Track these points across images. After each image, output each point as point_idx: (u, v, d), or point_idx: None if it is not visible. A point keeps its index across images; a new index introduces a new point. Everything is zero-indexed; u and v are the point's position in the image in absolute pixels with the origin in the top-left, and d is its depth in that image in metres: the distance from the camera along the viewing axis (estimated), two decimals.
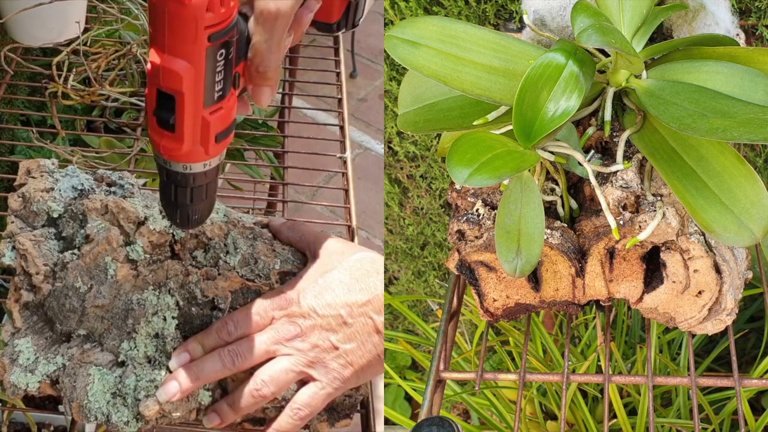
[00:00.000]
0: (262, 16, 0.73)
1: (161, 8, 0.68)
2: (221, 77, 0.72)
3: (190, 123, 0.72)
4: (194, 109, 0.71)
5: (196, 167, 0.75)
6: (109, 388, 0.80)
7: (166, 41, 0.69)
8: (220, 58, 0.71)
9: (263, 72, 0.75)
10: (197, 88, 0.70)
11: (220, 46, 0.71)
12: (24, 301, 0.82)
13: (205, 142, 0.73)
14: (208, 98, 0.72)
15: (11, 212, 0.85)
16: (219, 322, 0.82)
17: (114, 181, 0.89)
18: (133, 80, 1.16)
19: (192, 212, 0.78)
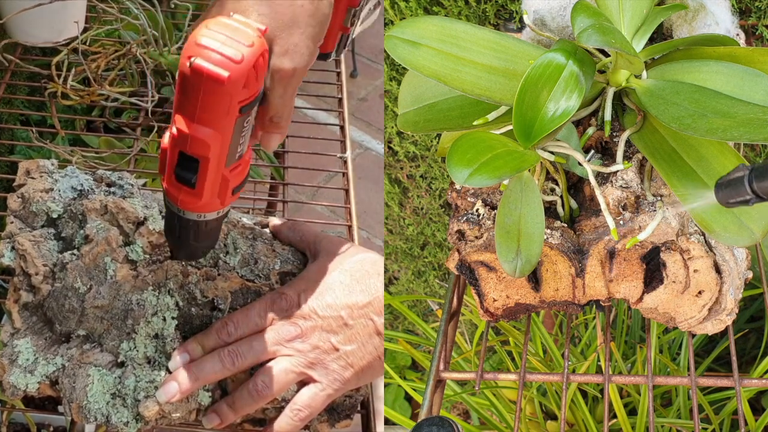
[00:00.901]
0: (279, 75, 0.74)
1: (196, 83, 0.68)
2: (245, 140, 0.73)
3: (212, 182, 0.73)
4: (217, 170, 0.72)
5: (210, 216, 0.76)
6: (108, 389, 0.80)
7: (197, 113, 0.69)
8: (247, 125, 0.72)
9: (277, 122, 0.76)
10: (222, 152, 0.71)
11: (249, 115, 0.72)
12: (23, 301, 0.82)
13: (223, 195, 0.75)
14: (230, 159, 0.73)
15: (10, 213, 0.85)
16: (219, 322, 0.82)
17: (113, 181, 0.89)
18: (132, 80, 1.16)
19: (196, 249, 0.80)
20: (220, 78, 0.67)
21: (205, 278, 0.83)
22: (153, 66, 1.14)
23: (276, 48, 0.73)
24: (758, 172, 0.72)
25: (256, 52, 0.69)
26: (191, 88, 0.68)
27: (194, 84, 0.68)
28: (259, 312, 0.81)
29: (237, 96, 0.69)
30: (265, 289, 0.85)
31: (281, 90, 0.74)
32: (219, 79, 0.67)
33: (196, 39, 0.68)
